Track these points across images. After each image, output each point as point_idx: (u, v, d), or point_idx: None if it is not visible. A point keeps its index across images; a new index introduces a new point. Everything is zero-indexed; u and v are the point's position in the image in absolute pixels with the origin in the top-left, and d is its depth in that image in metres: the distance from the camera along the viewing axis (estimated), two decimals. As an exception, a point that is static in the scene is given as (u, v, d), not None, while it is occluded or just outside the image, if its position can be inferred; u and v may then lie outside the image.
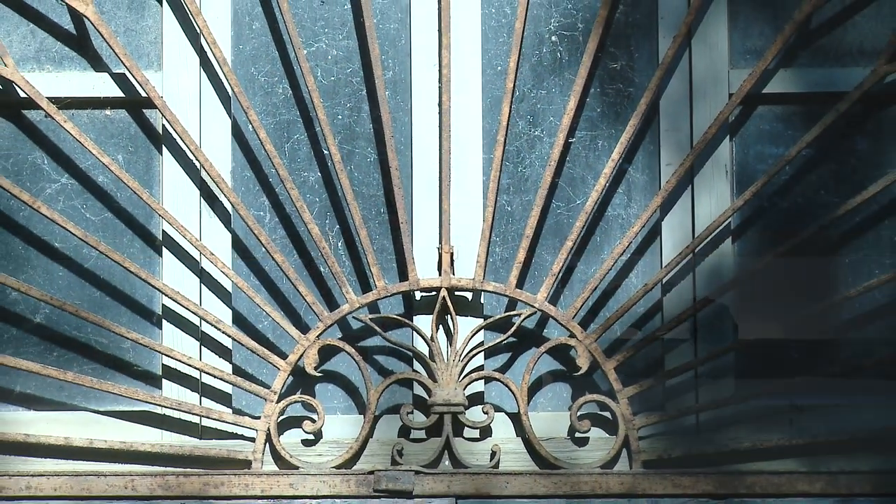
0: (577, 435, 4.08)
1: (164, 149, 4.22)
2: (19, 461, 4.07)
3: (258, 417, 4.09)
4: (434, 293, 4.10)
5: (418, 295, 4.13)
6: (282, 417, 4.09)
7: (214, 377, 4.12)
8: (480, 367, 4.12)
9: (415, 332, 4.10)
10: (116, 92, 4.22)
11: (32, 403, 4.20)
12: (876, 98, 4.19)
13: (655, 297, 4.18)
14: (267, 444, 4.06)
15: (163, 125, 4.21)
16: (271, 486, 3.98)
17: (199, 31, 4.16)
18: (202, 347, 4.17)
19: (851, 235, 4.22)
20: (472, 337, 4.08)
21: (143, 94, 4.15)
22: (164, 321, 4.19)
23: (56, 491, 3.97)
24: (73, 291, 4.21)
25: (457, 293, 4.11)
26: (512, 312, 4.11)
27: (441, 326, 4.09)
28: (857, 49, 4.24)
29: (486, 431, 4.10)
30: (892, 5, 4.25)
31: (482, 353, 4.12)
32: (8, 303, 4.21)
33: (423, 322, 4.11)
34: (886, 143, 4.24)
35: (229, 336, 4.12)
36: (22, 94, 4.13)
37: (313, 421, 4.05)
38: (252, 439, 4.09)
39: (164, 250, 4.20)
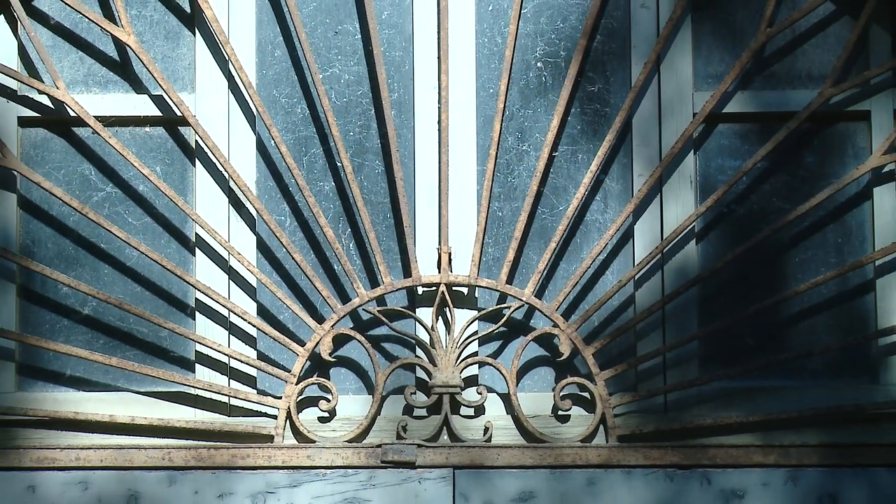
0: (560, 413, 4.08)
1: (197, 161, 4.22)
2: (70, 436, 4.07)
3: (280, 397, 4.08)
4: (434, 288, 4.10)
5: (420, 290, 4.14)
6: (300, 397, 4.09)
7: (241, 362, 4.12)
8: (475, 354, 4.12)
9: (417, 323, 4.11)
10: (155, 111, 4.22)
11: (81, 385, 4.19)
12: (822, 117, 4.21)
13: (629, 291, 4.18)
14: (287, 421, 4.06)
15: (196, 141, 4.21)
16: (291, 457, 3.99)
17: (227, 57, 4.17)
18: (230, 336, 4.17)
19: (800, 237, 4.21)
20: (467, 327, 4.08)
21: (179, 114, 4.17)
22: (196, 313, 4.18)
23: (102, 462, 3.98)
24: (116, 287, 4.20)
25: (454, 288, 4.11)
26: (503, 305, 4.11)
27: (440, 317, 4.10)
28: (805, 74, 4.24)
29: (479, 410, 4.10)
30: (837, 36, 4.24)
31: (476, 341, 4.12)
32: (60, 297, 4.19)
33: (425, 314, 4.12)
34: (831, 157, 4.24)
35: (254, 326, 4.12)
36: (72, 114, 4.15)
37: (328, 400, 4.06)
38: (274, 417, 4.09)
39: (197, 251, 4.20)
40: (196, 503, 3.98)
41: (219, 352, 4.12)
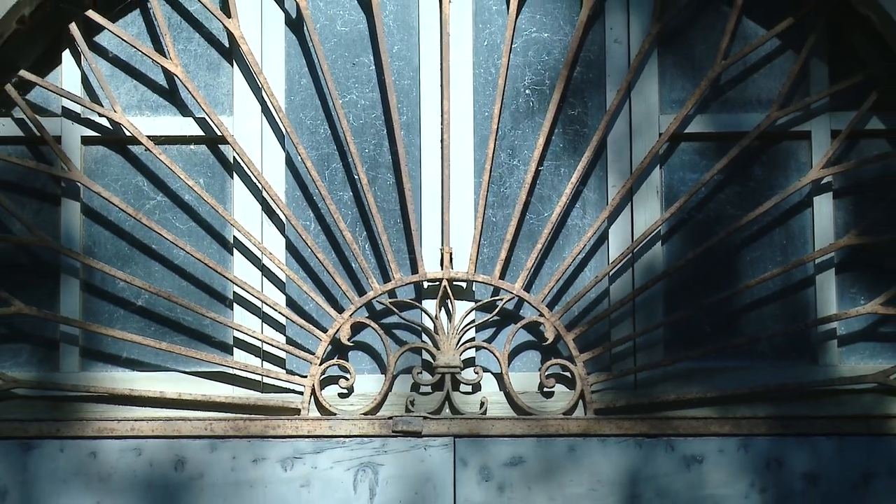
0: (545, 390, 4.09)
1: (235, 175, 4.22)
2: (125, 409, 4.08)
3: (305, 376, 4.08)
4: (437, 283, 4.11)
5: (425, 284, 4.14)
6: (323, 376, 4.10)
7: (272, 346, 4.13)
8: (472, 339, 4.13)
9: (423, 313, 4.13)
10: (198, 131, 4.22)
11: (135, 366, 4.19)
12: (769, 136, 4.20)
13: (604, 286, 4.18)
14: (312, 397, 4.06)
15: (233, 157, 4.22)
16: (315, 428, 4.00)
17: (260, 85, 4.17)
18: (263, 324, 4.17)
19: (751, 239, 4.20)
20: (466, 316, 4.09)
21: (219, 134, 4.18)
22: (234, 304, 4.18)
23: (153, 432, 3.99)
24: (165, 281, 4.20)
25: (455, 283, 4.12)
26: (496, 298, 4.13)
27: (443, 308, 4.11)
28: (755, 99, 4.23)
29: (476, 387, 4.11)
30: (782, 67, 4.22)
31: (474, 328, 4.13)
32: (117, 290, 4.20)
33: (429, 305, 4.13)
34: (777, 170, 4.22)
35: (284, 315, 4.13)
36: (127, 134, 4.16)
37: (347, 379, 4.07)
38: (301, 393, 4.09)
39: (235, 251, 4.21)
40: (234, 467, 3.97)
41: (253, 337, 4.13)
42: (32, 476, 3.99)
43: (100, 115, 4.20)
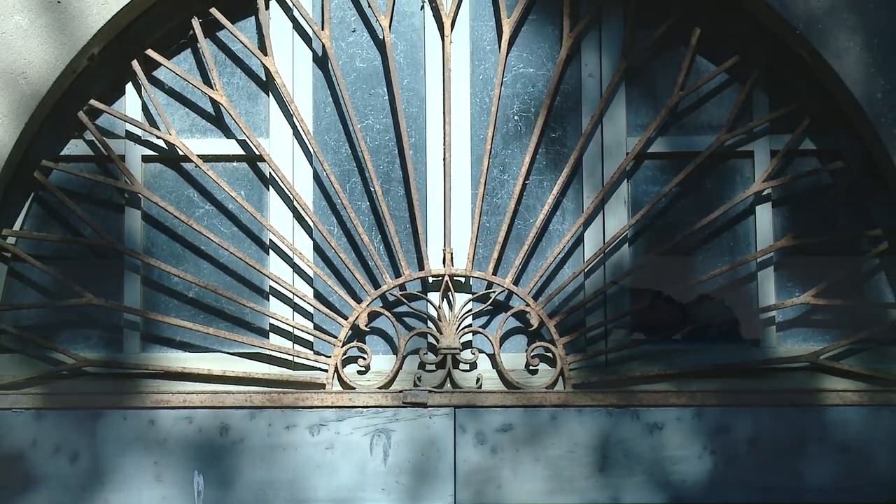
0: (531, 368, 4.20)
1: (270, 187, 4.31)
2: (178, 384, 4.18)
3: (330, 357, 4.19)
4: (440, 278, 4.21)
5: (430, 279, 4.25)
6: (344, 356, 4.21)
7: (302, 331, 4.24)
8: (469, 325, 4.23)
9: (428, 303, 4.22)
10: (240, 151, 4.32)
11: (187, 348, 4.28)
12: (719, 155, 4.29)
13: (580, 280, 4.29)
14: (335, 374, 4.16)
15: (269, 173, 4.30)
16: (338, 400, 4.11)
17: (292, 112, 4.27)
18: (294, 312, 4.27)
19: (703, 242, 4.30)
20: (464, 306, 4.20)
21: (257, 153, 4.26)
22: (270, 296, 4.28)
23: (202, 403, 4.10)
24: (212, 277, 4.30)
25: (455, 278, 4.22)
26: (490, 290, 4.23)
27: (445, 299, 4.20)
28: (707, 124, 4.31)
29: (473, 366, 4.22)
30: (729, 97, 4.30)
31: (471, 316, 4.24)
32: (171, 284, 4.30)
33: (434, 296, 4.23)
34: (725, 184, 4.32)
35: (311, 305, 4.24)
36: (180, 153, 4.27)
37: (364, 359, 4.20)
38: (326, 370, 4.19)
39: (270, 251, 4.30)
40: (269, 433, 4.07)
41: (286, 324, 4.23)
42: (100, 441, 4.11)
43: (157, 137, 4.29)
